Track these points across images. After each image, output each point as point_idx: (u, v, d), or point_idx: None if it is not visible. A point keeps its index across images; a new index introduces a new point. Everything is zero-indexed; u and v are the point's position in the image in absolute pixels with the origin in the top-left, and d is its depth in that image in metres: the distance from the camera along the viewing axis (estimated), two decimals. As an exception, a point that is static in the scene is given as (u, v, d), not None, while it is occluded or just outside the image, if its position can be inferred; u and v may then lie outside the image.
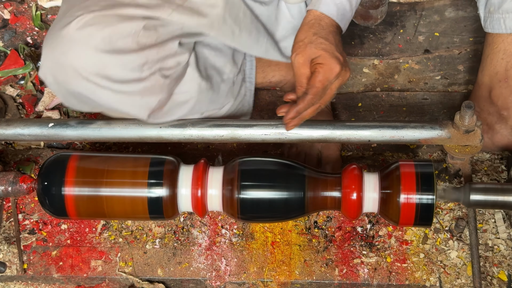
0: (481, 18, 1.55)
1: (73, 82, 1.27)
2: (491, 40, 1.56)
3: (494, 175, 1.58)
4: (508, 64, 1.53)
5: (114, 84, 1.27)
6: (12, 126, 1.43)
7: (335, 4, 1.33)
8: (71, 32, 1.24)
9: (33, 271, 1.55)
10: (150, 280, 1.54)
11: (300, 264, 1.53)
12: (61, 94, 1.33)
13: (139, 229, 1.58)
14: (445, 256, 1.51)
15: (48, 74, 1.29)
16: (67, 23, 1.25)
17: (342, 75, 1.30)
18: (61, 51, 1.25)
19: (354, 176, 1.36)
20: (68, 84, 1.28)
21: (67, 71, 1.26)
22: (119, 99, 1.30)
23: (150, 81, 1.30)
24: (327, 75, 1.28)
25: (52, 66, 1.27)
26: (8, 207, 1.61)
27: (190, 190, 1.37)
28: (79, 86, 1.28)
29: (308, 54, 1.29)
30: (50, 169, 1.39)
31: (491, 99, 1.57)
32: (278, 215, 1.39)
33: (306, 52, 1.29)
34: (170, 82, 1.34)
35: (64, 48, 1.25)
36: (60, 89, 1.31)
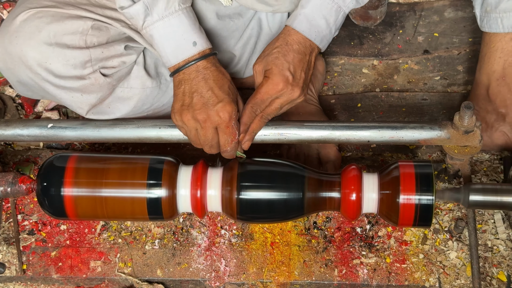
0: (477, 17, 1.56)
1: (19, 70, 1.33)
2: (488, 39, 1.56)
3: (494, 176, 1.58)
4: (506, 63, 1.53)
5: (55, 78, 1.32)
6: (11, 126, 1.43)
7: (308, 21, 1.32)
8: (19, 22, 1.31)
9: (32, 271, 1.55)
10: (149, 281, 1.54)
11: (299, 264, 1.53)
12: (11, 80, 1.39)
13: (138, 230, 1.58)
14: (444, 256, 1.50)
15: (0, 60, 1.35)
16: (18, 13, 1.31)
17: (287, 94, 1.31)
18: (9, 39, 1.31)
19: (354, 177, 1.36)
20: (15, 72, 1.34)
21: (14, 59, 1.32)
22: (60, 93, 1.35)
23: (90, 79, 1.35)
24: (268, 89, 1.30)
25: (2, 53, 1.33)
26: (7, 208, 1.61)
27: (189, 190, 1.37)
28: (24, 75, 1.34)
29: (263, 65, 1.31)
30: (49, 170, 1.39)
31: (489, 97, 1.58)
32: (277, 216, 1.39)
33: (262, 63, 1.31)
34: (111, 81, 1.39)
35: (11, 37, 1.31)
36: (9, 76, 1.37)
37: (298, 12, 1.33)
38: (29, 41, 1.30)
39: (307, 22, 1.32)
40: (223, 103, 1.28)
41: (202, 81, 1.29)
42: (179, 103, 1.30)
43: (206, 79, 1.29)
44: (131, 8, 1.26)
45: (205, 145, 1.33)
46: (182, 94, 1.30)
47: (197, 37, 1.30)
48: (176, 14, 1.28)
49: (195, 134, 1.32)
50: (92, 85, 1.35)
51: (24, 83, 1.36)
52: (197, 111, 1.28)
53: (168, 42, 1.29)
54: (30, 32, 1.30)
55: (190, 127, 1.31)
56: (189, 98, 1.29)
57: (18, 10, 1.33)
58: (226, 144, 1.31)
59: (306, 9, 1.32)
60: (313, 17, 1.32)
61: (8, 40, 1.31)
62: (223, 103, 1.28)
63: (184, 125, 1.31)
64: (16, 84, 1.39)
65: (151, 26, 1.28)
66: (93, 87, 1.35)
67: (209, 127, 1.29)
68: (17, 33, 1.30)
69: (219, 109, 1.28)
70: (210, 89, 1.28)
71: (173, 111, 1.32)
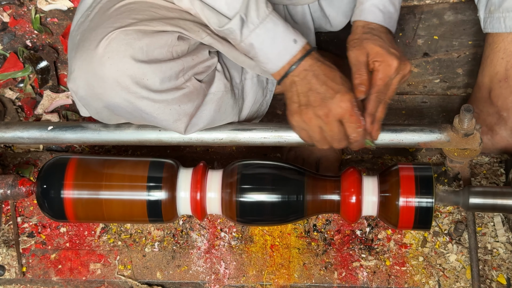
0: (480, 19, 1.55)
1: (110, 93, 1.25)
2: (491, 40, 1.56)
3: (493, 179, 1.58)
4: (508, 64, 1.53)
5: (153, 93, 1.26)
6: (12, 129, 1.43)
7: (380, 10, 1.33)
8: (106, 44, 1.23)
9: (32, 274, 1.55)
10: (149, 283, 1.54)
11: (299, 267, 1.53)
12: (93, 107, 1.30)
13: (138, 232, 1.58)
14: (444, 259, 1.51)
15: (81, 87, 1.26)
16: (104, 35, 1.24)
17: (402, 69, 1.30)
18: (100, 62, 1.23)
19: (353, 180, 1.36)
20: (105, 96, 1.25)
21: (106, 82, 1.23)
22: (157, 109, 1.28)
23: (188, 87, 1.30)
24: (386, 71, 1.28)
25: (88, 78, 1.24)
26: (7, 210, 1.61)
27: (189, 193, 1.37)
28: (116, 97, 1.25)
29: (365, 49, 1.29)
30: (49, 172, 1.39)
31: (491, 100, 1.58)
32: (277, 218, 1.39)
33: (363, 46, 1.29)
34: (205, 86, 1.34)
35: (103, 59, 1.22)
36: (94, 102, 1.28)
37: (366, 6, 1.33)
38: (124, 59, 1.22)
39: (379, 11, 1.33)
40: (341, 93, 1.25)
41: (314, 78, 1.26)
42: (295, 104, 1.28)
43: (317, 75, 1.26)
44: (229, 25, 1.24)
45: (333, 140, 1.29)
46: (296, 95, 1.27)
47: (294, 34, 1.27)
48: (268, 18, 1.25)
49: (319, 131, 1.28)
50: (190, 93, 1.30)
51: (113, 107, 1.28)
52: (317, 108, 1.25)
53: (269, 47, 1.26)
54: (123, 50, 1.23)
55: (313, 125, 1.27)
56: (304, 97, 1.26)
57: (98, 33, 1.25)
58: (354, 133, 1.28)
59: (374, 1, 1.33)
60: (383, 6, 1.33)
61: (99, 63, 1.23)
62: (340, 93, 1.25)
63: (305, 125, 1.28)
64: (100, 110, 1.31)
65: (249, 36, 1.25)
66: (191, 95, 1.31)
67: (333, 120, 1.26)
68: (109, 53, 1.22)
69: (338, 100, 1.24)
70: (324, 84, 1.25)
71: (290, 113, 1.29)
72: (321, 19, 1.60)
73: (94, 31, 1.26)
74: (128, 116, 1.31)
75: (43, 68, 1.80)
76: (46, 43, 1.86)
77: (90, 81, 1.25)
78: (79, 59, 1.25)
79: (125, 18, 1.27)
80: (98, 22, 1.29)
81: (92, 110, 1.32)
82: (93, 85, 1.25)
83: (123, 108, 1.28)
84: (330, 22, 1.61)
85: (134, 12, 1.28)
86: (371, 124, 1.30)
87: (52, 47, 1.85)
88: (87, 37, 1.27)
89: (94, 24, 1.30)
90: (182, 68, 1.28)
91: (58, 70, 1.84)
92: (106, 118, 1.35)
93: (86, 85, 1.25)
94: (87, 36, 1.27)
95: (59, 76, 1.83)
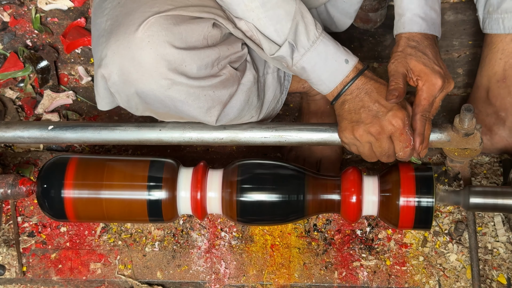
0: (479, 19, 1.56)
1: (147, 79, 1.23)
2: (489, 41, 1.56)
3: (494, 178, 1.58)
4: (506, 64, 1.54)
5: (190, 80, 1.25)
6: (12, 128, 1.43)
7: (422, 18, 1.31)
8: (145, 29, 1.21)
9: (32, 273, 1.55)
10: (149, 283, 1.54)
11: (299, 267, 1.53)
12: (125, 93, 1.28)
13: (138, 232, 1.58)
14: (444, 259, 1.51)
15: (115, 72, 1.24)
16: (143, 19, 1.22)
17: (446, 87, 1.30)
18: (139, 46, 1.21)
19: (354, 179, 1.36)
20: (141, 82, 1.24)
21: (143, 67, 1.22)
22: (190, 96, 1.27)
23: (225, 75, 1.30)
24: (431, 91, 1.28)
25: (124, 63, 1.22)
26: (7, 210, 1.61)
27: (189, 192, 1.37)
28: (153, 83, 1.23)
29: (408, 65, 1.29)
30: (49, 172, 1.39)
31: (489, 100, 1.58)
32: (277, 218, 1.40)
33: (406, 62, 1.29)
34: (239, 74, 1.34)
35: (142, 44, 1.21)
36: (126, 88, 1.26)
37: (407, 17, 1.32)
38: (164, 44, 1.21)
39: (421, 19, 1.31)
40: (393, 111, 1.25)
41: (366, 96, 1.26)
42: (346, 121, 1.28)
43: (369, 93, 1.27)
44: (279, 52, 1.25)
45: (382, 156, 1.30)
46: (347, 112, 1.28)
47: (345, 54, 1.28)
48: (319, 40, 1.26)
49: (369, 147, 1.29)
50: (226, 80, 1.30)
51: (146, 94, 1.26)
52: (368, 125, 1.26)
53: (321, 69, 1.26)
54: (163, 35, 1.21)
55: (364, 141, 1.28)
56: (356, 114, 1.27)
57: (135, 17, 1.23)
58: (402, 152, 1.28)
59: (414, 10, 1.31)
60: (424, 13, 1.32)
61: (138, 47, 1.21)
62: (393, 111, 1.25)
63: (356, 141, 1.29)
64: (131, 97, 1.28)
65: (301, 61, 1.26)
66: (226, 82, 1.30)
67: (384, 138, 1.26)
68: (149, 38, 1.21)
69: (390, 117, 1.25)
70: (376, 101, 1.26)
71: (341, 130, 1.30)
72: (326, 21, 1.60)
73: (130, 15, 1.24)
74: (158, 105, 1.29)
75: (44, 67, 1.80)
76: (46, 43, 1.86)
77: (126, 65, 1.22)
78: (114, 43, 1.23)
79: (161, 3, 1.25)
80: (132, 7, 1.26)
81: (123, 97, 1.29)
82: (129, 70, 1.23)
83: (156, 96, 1.26)
84: (335, 23, 1.61)
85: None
86: (420, 144, 1.29)
87: (53, 47, 1.85)
88: (121, 22, 1.25)
89: (128, 9, 1.27)
90: (218, 56, 1.28)
91: (59, 70, 1.84)
92: (134, 107, 1.32)
93: (121, 70, 1.23)
94: (121, 21, 1.25)
95: (59, 76, 1.83)
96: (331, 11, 1.59)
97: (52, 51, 1.83)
